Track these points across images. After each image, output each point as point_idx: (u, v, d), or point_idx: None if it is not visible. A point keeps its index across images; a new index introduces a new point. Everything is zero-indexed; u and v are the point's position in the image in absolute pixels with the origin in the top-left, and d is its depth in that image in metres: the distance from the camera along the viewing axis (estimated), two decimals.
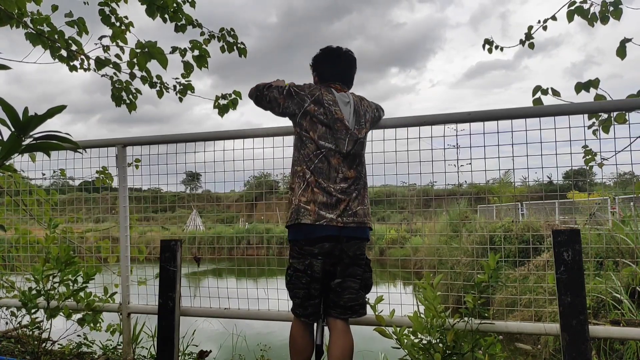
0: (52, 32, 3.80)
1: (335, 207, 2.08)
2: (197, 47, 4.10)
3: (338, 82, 2.25)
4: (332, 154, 2.11)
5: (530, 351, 5.97)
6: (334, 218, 2.06)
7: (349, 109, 2.17)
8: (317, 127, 2.11)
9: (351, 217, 2.10)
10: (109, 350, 3.21)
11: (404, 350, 2.09)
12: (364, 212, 2.15)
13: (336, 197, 2.08)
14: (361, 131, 2.17)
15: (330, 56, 2.31)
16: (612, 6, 3.33)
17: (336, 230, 2.08)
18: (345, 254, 2.12)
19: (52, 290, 2.90)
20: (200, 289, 2.95)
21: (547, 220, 10.75)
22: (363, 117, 2.21)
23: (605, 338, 3.41)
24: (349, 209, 2.10)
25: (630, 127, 2.39)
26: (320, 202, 2.07)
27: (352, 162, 2.15)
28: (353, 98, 2.23)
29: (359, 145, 2.18)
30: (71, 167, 3.40)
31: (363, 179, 2.22)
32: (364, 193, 2.20)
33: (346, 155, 2.13)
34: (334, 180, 2.10)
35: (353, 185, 2.14)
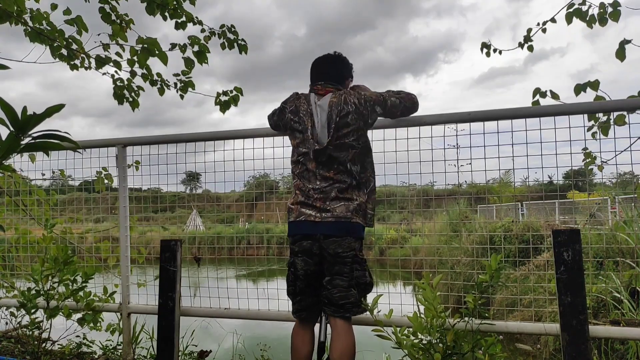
0: (52, 31, 3.80)
1: (313, 206, 2.16)
2: (196, 43, 4.10)
3: (320, 82, 2.28)
4: (308, 159, 2.20)
5: (530, 351, 5.97)
6: (312, 214, 2.16)
7: (320, 118, 2.18)
8: (295, 134, 2.25)
9: (328, 213, 2.13)
10: (109, 350, 3.21)
11: (404, 350, 2.09)
12: (345, 209, 2.13)
13: (313, 196, 2.17)
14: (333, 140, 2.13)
15: (314, 62, 2.39)
16: (611, 7, 3.33)
17: (311, 227, 2.14)
18: (326, 252, 2.14)
19: (52, 290, 2.90)
20: (200, 289, 2.95)
21: (547, 220, 10.75)
22: (335, 124, 2.13)
23: (606, 338, 3.41)
24: (326, 206, 2.14)
25: (630, 127, 2.39)
26: (300, 202, 2.20)
27: (331, 165, 2.16)
28: (331, 101, 2.17)
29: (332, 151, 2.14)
30: (71, 167, 3.40)
31: (350, 178, 2.17)
32: (351, 192, 2.17)
33: (318, 162, 2.17)
34: (313, 183, 2.19)
35: (334, 184, 2.16)
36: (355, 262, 2.15)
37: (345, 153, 2.16)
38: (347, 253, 2.13)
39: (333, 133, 2.13)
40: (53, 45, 3.81)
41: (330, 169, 2.17)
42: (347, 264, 2.13)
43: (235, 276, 2.62)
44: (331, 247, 2.12)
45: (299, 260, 2.20)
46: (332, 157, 2.15)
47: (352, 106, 2.16)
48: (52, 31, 3.79)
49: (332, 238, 2.12)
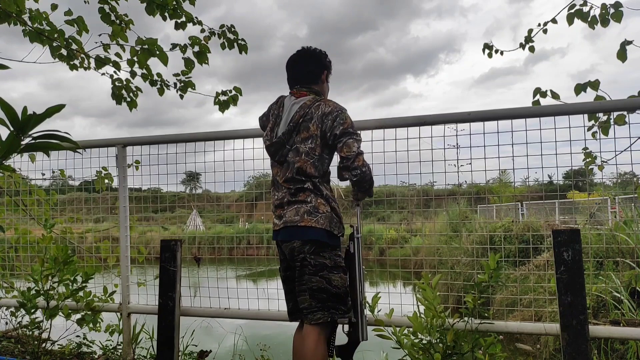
0: (52, 31, 3.80)
1: (275, 213, 2.22)
2: (196, 43, 4.10)
3: (295, 86, 2.26)
4: (274, 165, 2.26)
5: (530, 351, 5.97)
6: (277, 222, 2.20)
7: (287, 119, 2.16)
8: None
9: (281, 220, 2.16)
10: (109, 350, 3.20)
11: (404, 350, 2.09)
12: (295, 212, 2.09)
13: (276, 204, 2.22)
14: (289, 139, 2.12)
15: (288, 63, 2.33)
16: (613, 8, 3.33)
17: (276, 235, 2.22)
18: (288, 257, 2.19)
19: (52, 290, 2.90)
20: (200, 289, 2.95)
21: (547, 220, 10.74)
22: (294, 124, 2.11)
23: (606, 338, 3.41)
24: (282, 214, 2.16)
25: (630, 127, 2.39)
26: (273, 209, 2.26)
27: (287, 169, 2.15)
28: (304, 104, 2.13)
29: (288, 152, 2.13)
30: (71, 167, 3.40)
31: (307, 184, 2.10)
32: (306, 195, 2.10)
33: (279, 163, 2.20)
34: (278, 189, 2.21)
35: (289, 190, 2.14)
36: (305, 266, 2.08)
37: (300, 158, 2.11)
38: (296, 257, 2.10)
39: (290, 132, 2.12)
40: (53, 45, 3.81)
41: (287, 173, 2.15)
42: (298, 267, 2.10)
43: (235, 276, 2.61)
44: (287, 252, 2.17)
45: (282, 266, 2.28)
46: (288, 160, 2.14)
47: (320, 113, 2.09)
48: (52, 31, 3.79)
49: (285, 243, 2.15)
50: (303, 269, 2.08)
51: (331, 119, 2.07)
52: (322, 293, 2.05)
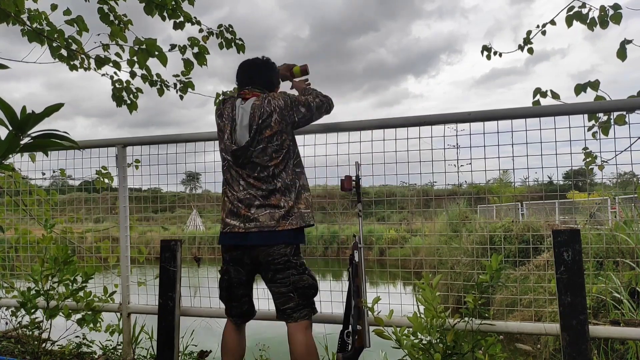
0: (52, 31, 3.80)
1: (237, 214, 2.15)
2: (195, 44, 4.10)
3: (246, 87, 2.28)
4: (231, 164, 2.20)
5: (530, 351, 5.96)
6: (237, 225, 2.14)
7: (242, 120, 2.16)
8: (220, 139, 2.24)
9: (252, 223, 2.12)
10: (109, 350, 3.20)
11: (404, 350, 2.09)
12: (270, 217, 2.11)
13: (237, 205, 2.16)
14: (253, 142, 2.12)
15: (240, 67, 2.37)
16: (612, 9, 3.33)
17: (241, 238, 2.15)
18: (257, 261, 2.17)
19: (52, 290, 2.90)
20: (200, 289, 2.95)
21: (547, 220, 10.74)
22: (257, 125, 2.12)
23: (606, 338, 3.41)
24: (250, 215, 2.13)
25: (630, 127, 2.39)
26: (227, 210, 2.19)
27: (253, 170, 2.15)
28: (254, 104, 2.15)
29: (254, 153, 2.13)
30: (71, 167, 3.40)
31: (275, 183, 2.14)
32: (278, 198, 2.13)
33: (240, 166, 2.17)
34: (237, 189, 2.17)
35: (258, 191, 2.14)
36: (289, 268, 2.14)
37: (268, 157, 2.13)
38: (278, 260, 2.12)
39: (254, 135, 2.11)
40: (53, 45, 3.81)
41: (251, 175, 2.15)
42: (279, 270, 2.14)
43: None
44: (262, 256, 2.14)
45: (232, 268, 2.23)
46: (254, 161, 2.14)
47: (276, 109, 2.14)
48: (51, 31, 3.79)
49: (260, 247, 2.13)
50: (287, 271, 2.14)
51: (289, 108, 2.18)
52: (310, 290, 2.19)
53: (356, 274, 2.23)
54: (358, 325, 2.19)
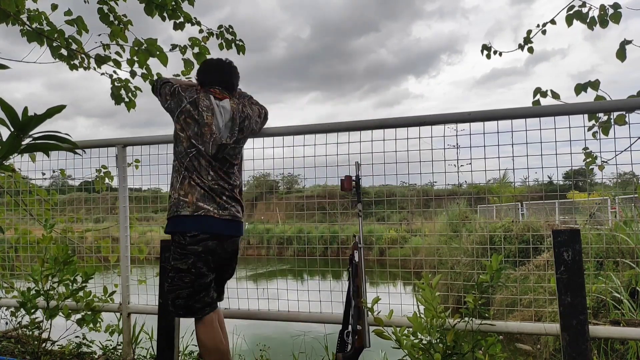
0: (52, 31, 3.80)
1: (212, 200, 2.21)
2: (196, 45, 4.10)
3: (217, 87, 2.36)
4: (201, 155, 2.23)
5: (530, 351, 5.97)
6: (211, 210, 2.19)
7: (224, 117, 2.28)
8: (191, 127, 2.25)
9: (226, 212, 2.23)
10: (109, 350, 3.21)
11: (404, 350, 2.09)
12: (236, 209, 2.29)
13: (209, 192, 2.21)
14: (231, 139, 2.27)
15: (209, 66, 2.48)
16: (612, 8, 3.33)
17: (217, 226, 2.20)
18: (224, 251, 2.28)
19: (52, 290, 2.90)
20: None
21: (547, 220, 10.75)
22: (238, 126, 2.30)
23: (606, 338, 3.41)
24: (222, 204, 2.23)
25: (630, 127, 2.39)
26: (200, 195, 2.20)
27: (222, 164, 2.27)
28: (232, 106, 2.31)
29: (229, 150, 2.27)
30: (71, 167, 3.41)
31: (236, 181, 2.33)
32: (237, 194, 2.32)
33: (214, 158, 2.24)
34: (207, 178, 2.23)
35: (225, 184, 2.26)
36: (236, 257, 2.40)
37: (235, 156, 2.33)
38: (236, 250, 2.36)
39: (233, 134, 2.27)
40: (53, 45, 3.81)
41: (220, 169, 2.26)
42: (233, 259, 2.37)
43: (235, 278, 2.62)
44: (230, 247, 2.30)
45: (201, 260, 2.19)
46: (226, 158, 2.27)
47: (249, 116, 2.37)
48: (52, 31, 3.79)
49: (233, 238, 2.29)
50: (233, 261, 2.38)
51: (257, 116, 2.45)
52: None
53: (356, 274, 2.24)
54: (358, 325, 2.19)
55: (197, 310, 2.20)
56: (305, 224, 3.99)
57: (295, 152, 2.78)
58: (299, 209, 4.29)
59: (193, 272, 2.17)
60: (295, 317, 2.73)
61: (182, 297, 2.19)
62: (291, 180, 9.03)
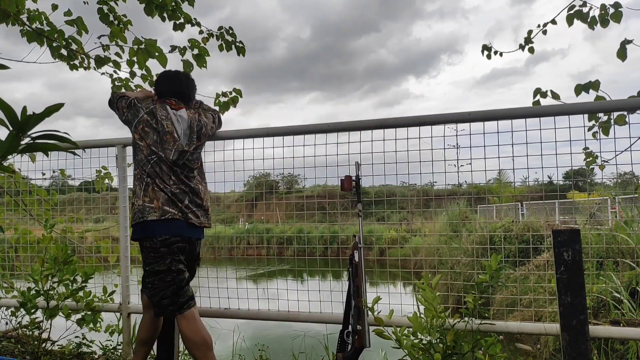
0: (52, 31, 3.80)
1: (175, 205, 2.29)
2: (196, 46, 4.09)
3: (173, 99, 2.46)
4: (162, 161, 2.32)
5: (530, 351, 5.97)
6: (176, 213, 2.28)
7: (182, 125, 2.40)
8: (149, 135, 2.34)
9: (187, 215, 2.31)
10: (109, 350, 3.21)
11: (404, 350, 2.09)
12: (198, 214, 2.37)
13: (171, 197, 2.29)
14: (190, 145, 2.38)
15: (167, 78, 2.60)
16: (612, 8, 3.33)
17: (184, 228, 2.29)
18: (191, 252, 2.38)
19: (52, 290, 2.90)
20: (200, 289, 2.95)
21: (547, 220, 10.75)
22: (196, 134, 2.42)
23: (606, 338, 3.41)
24: (184, 208, 2.30)
25: (630, 127, 2.39)
26: (164, 199, 2.28)
27: (183, 170, 2.36)
28: (189, 115, 2.44)
29: (189, 156, 2.38)
30: (71, 167, 3.41)
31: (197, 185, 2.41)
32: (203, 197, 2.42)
33: (175, 164, 2.33)
34: (169, 183, 2.31)
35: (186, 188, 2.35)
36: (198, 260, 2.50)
37: (194, 162, 2.43)
38: (199, 253, 2.47)
39: (192, 141, 2.39)
40: (53, 45, 3.81)
41: (181, 174, 2.35)
42: (195, 261, 2.46)
43: (235, 277, 2.62)
44: (197, 249, 2.43)
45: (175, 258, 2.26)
46: (186, 164, 2.37)
47: (206, 124, 2.50)
48: (51, 31, 3.79)
49: (199, 240, 2.42)
50: (195, 262, 2.47)
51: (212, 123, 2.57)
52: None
53: (356, 274, 2.24)
54: (358, 325, 2.19)
55: (182, 304, 2.26)
56: (305, 224, 4.00)
57: (295, 152, 2.78)
58: (299, 209, 4.29)
59: (173, 271, 2.24)
60: (295, 317, 2.73)
61: (167, 297, 2.24)
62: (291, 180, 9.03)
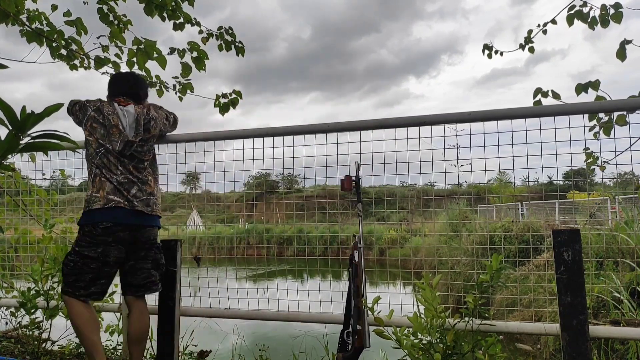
0: (52, 31, 3.80)
1: (121, 193, 2.38)
2: (195, 49, 4.09)
3: (122, 97, 2.59)
4: (109, 152, 2.44)
5: (530, 351, 5.97)
6: (121, 201, 2.36)
7: (127, 119, 2.50)
8: (97, 130, 2.45)
9: (133, 203, 2.38)
10: (109, 350, 3.20)
11: (404, 350, 2.09)
12: (147, 202, 2.45)
13: (118, 187, 2.38)
14: (137, 137, 2.48)
15: (117, 78, 2.75)
16: (613, 8, 3.33)
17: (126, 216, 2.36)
18: (138, 240, 2.42)
19: (52, 290, 2.90)
20: (200, 289, 2.95)
21: (547, 220, 10.75)
22: (143, 127, 2.51)
23: (606, 338, 3.41)
24: (130, 197, 2.39)
25: (630, 127, 2.39)
26: (109, 189, 2.38)
27: (131, 160, 2.46)
28: (136, 110, 2.55)
29: (136, 147, 2.47)
30: (71, 167, 3.40)
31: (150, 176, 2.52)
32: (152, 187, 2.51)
33: (122, 154, 2.44)
34: (116, 173, 2.42)
35: (134, 179, 2.44)
36: (154, 247, 2.52)
37: (144, 153, 2.52)
38: (151, 240, 2.49)
39: (142, 133, 2.49)
40: (52, 45, 3.81)
41: (129, 165, 2.45)
42: (149, 249, 2.48)
43: (235, 277, 2.62)
44: (145, 236, 2.45)
45: (112, 248, 2.34)
46: (134, 155, 2.47)
47: (154, 117, 2.59)
48: (51, 32, 3.79)
49: (146, 228, 2.45)
50: (151, 250, 2.49)
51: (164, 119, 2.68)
52: (163, 267, 2.57)
53: (356, 274, 2.23)
54: (358, 325, 2.19)
55: (93, 294, 2.35)
56: (305, 224, 3.99)
57: (295, 152, 2.78)
58: (299, 209, 4.29)
59: (101, 260, 2.33)
60: (295, 317, 2.72)
61: (83, 280, 2.32)
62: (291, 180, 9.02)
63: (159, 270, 2.55)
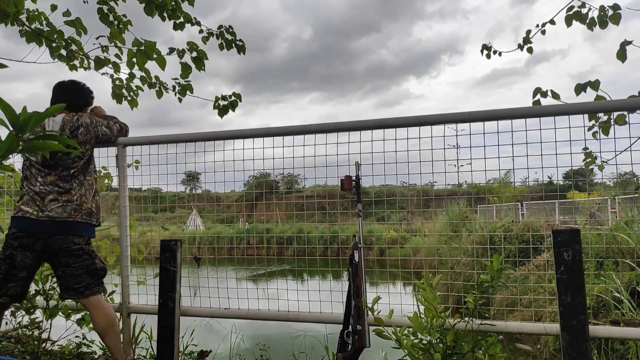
0: (52, 31, 3.80)
1: (33, 204, 2.48)
2: (194, 49, 4.09)
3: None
4: (32, 164, 2.55)
5: (530, 351, 5.97)
6: (30, 211, 2.46)
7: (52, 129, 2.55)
8: None
9: (44, 213, 2.45)
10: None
11: (404, 350, 2.09)
12: (62, 210, 2.49)
13: (33, 196, 2.49)
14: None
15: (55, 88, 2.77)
16: (612, 9, 3.33)
17: (36, 225, 2.45)
18: (50, 248, 2.47)
19: (52, 290, 2.90)
20: (200, 289, 2.95)
21: (547, 220, 10.76)
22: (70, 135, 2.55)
23: (606, 338, 3.41)
24: (44, 207, 2.46)
25: (630, 127, 2.39)
26: (25, 200, 2.51)
27: (55, 169, 2.53)
28: (64, 118, 2.60)
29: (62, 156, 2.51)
30: None
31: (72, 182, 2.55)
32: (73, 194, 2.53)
33: (44, 165, 2.51)
34: (34, 184, 2.51)
35: (54, 187, 2.50)
36: (83, 254, 2.53)
37: (71, 161, 2.56)
38: (73, 247, 2.50)
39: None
40: (52, 45, 3.81)
41: (54, 171, 2.51)
42: (73, 256, 2.50)
43: (235, 278, 2.62)
44: (56, 244, 2.48)
45: (19, 253, 2.46)
46: (58, 163, 2.52)
47: (83, 124, 2.63)
48: (51, 32, 3.79)
49: (55, 236, 2.47)
50: (80, 257, 2.51)
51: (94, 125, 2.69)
52: (99, 271, 2.60)
53: (356, 274, 2.24)
54: (358, 325, 2.19)
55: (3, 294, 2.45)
56: (305, 224, 4.00)
57: (295, 152, 2.78)
58: (299, 209, 4.29)
59: (8, 263, 2.46)
60: (295, 317, 2.73)
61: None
62: (291, 180, 9.02)
63: (94, 276, 2.58)
